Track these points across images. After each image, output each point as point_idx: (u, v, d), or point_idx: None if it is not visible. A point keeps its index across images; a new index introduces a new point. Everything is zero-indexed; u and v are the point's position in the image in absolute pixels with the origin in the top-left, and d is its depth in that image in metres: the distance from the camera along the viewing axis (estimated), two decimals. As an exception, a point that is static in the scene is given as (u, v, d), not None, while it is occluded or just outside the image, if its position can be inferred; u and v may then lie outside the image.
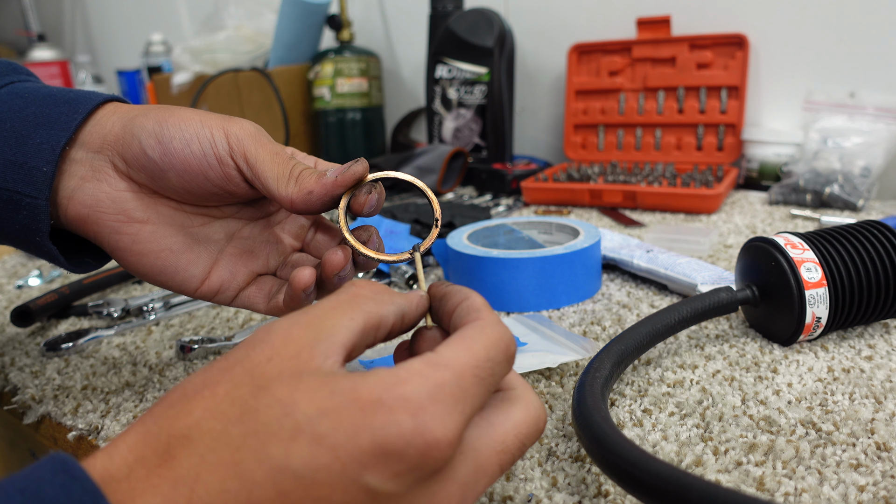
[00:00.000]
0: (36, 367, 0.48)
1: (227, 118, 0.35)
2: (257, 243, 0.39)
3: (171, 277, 0.37)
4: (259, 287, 0.38)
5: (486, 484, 0.24)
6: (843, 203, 0.80)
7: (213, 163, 0.34)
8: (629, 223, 0.78)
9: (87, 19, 2.00)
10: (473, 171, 1.01)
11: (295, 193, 0.33)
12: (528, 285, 0.53)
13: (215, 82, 1.21)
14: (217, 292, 0.38)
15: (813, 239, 0.43)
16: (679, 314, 0.41)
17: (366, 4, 1.32)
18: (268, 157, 0.34)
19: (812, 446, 0.33)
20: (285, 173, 0.34)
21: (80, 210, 0.35)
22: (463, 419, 0.22)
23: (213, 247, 0.38)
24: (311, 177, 0.33)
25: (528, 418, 0.26)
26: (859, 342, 0.44)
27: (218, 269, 0.38)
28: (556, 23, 1.11)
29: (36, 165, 0.34)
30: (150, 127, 0.34)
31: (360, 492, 0.20)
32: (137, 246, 0.36)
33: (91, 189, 0.35)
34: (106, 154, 0.35)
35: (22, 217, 0.34)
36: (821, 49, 0.91)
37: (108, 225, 0.35)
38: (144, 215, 0.36)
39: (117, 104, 0.36)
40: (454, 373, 0.22)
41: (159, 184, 0.35)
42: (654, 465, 0.25)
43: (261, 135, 0.35)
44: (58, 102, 0.35)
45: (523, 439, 0.25)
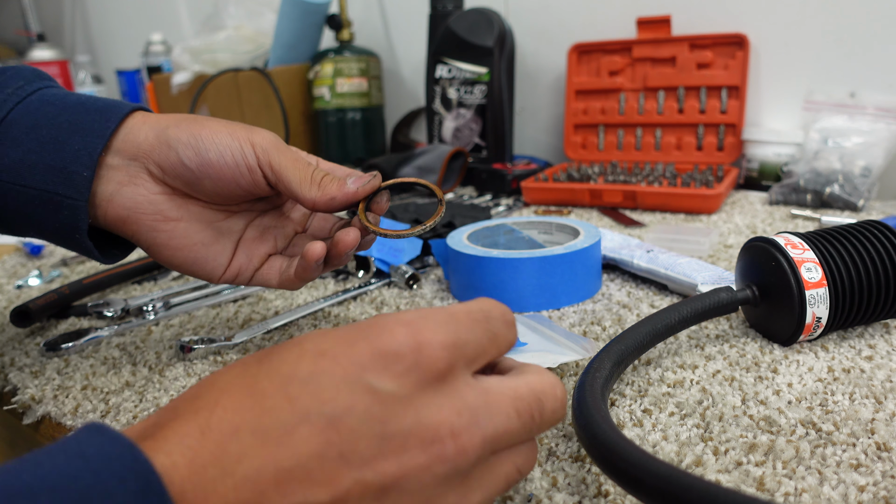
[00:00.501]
0: (36, 367, 0.48)
1: (250, 129, 0.40)
2: (268, 229, 0.45)
3: (202, 267, 0.42)
4: (270, 265, 0.44)
5: (503, 422, 0.24)
6: (843, 203, 0.80)
7: (244, 172, 0.40)
8: (629, 223, 0.78)
9: (86, 19, 2.00)
10: (473, 171, 1.01)
11: (318, 197, 0.40)
12: (528, 285, 0.53)
13: (215, 82, 1.21)
14: (237, 275, 0.44)
15: (813, 239, 0.43)
16: (679, 314, 0.41)
17: (366, 4, 1.32)
18: (289, 163, 0.40)
19: (812, 446, 0.33)
20: (307, 178, 0.40)
21: (119, 212, 0.40)
22: (454, 335, 0.24)
23: (234, 236, 0.44)
24: (332, 184, 0.40)
25: (542, 380, 0.27)
26: (859, 342, 0.44)
27: (238, 255, 0.44)
28: (556, 23, 1.11)
29: (76, 170, 0.38)
30: (185, 139, 0.39)
31: (366, 392, 0.22)
32: (173, 241, 0.41)
33: (129, 193, 0.39)
34: (141, 161, 0.39)
35: (63, 217, 0.38)
36: (821, 49, 0.91)
37: (146, 224, 0.40)
38: (178, 214, 0.41)
39: (144, 113, 0.41)
40: (444, 309, 0.25)
41: (194, 188, 0.40)
42: (654, 465, 0.25)
43: (280, 143, 0.41)
44: (89, 111, 0.39)
45: (539, 394, 0.26)
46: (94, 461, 0.19)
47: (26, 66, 0.42)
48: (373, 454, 0.21)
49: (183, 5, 1.68)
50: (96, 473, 0.18)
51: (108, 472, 0.18)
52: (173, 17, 1.70)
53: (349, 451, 0.21)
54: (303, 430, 0.21)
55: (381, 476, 0.21)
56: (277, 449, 0.21)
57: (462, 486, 0.24)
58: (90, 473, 0.18)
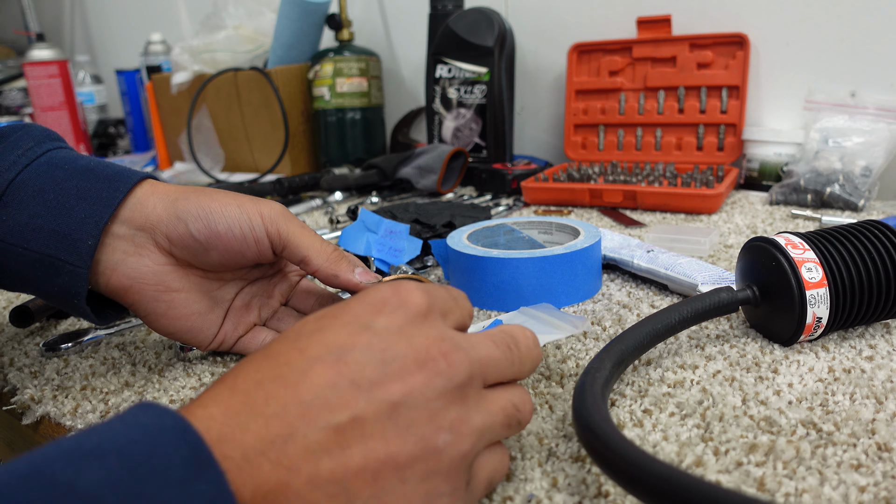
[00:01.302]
0: (35, 367, 0.48)
1: (259, 201, 0.42)
2: (254, 299, 0.47)
3: (196, 335, 0.43)
4: (254, 336, 0.46)
5: (483, 348, 0.29)
6: (843, 203, 0.80)
7: (251, 243, 0.41)
8: (629, 223, 0.78)
9: (86, 19, 2.00)
10: (473, 170, 1.01)
11: (323, 267, 0.42)
12: (528, 285, 0.53)
13: (215, 82, 1.21)
14: (222, 343, 0.45)
15: (814, 239, 0.43)
16: (679, 314, 0.41)
17: (366, 4, 1.32)
18: (298, 229, 0.42)
19: (813, 447, 0.33)
20: (316, 244, 0.42)
21: (123, 281, 0.40)
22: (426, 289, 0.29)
23: (225, 305, 0.45)
24: (341, 263, 0.42)
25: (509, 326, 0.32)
26: (860, 342, 0.44)
27: (226, 323, 0.45)
28: (556, 23, 1.11)
29: (80, 238, 0.38)
30: (194, 212, 0.40)
31: (364, 330, 0.26)
32: (172, 311, 0.42)
33: (134, 263, 0.40)
34: (149, 232, 0.40)
35: (62, 281, 0.39)
36: (821, 49, 0.91)
37: (148, 294, 0.41)
38: (180, 285, 0.42)
39: (153, 182, 0.42)
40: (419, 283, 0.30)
41: (199, 260, 0.42)
42: (654, 465, 0.25)
43: (288, 213, 0.43)
44: (98, 178, 0.40)
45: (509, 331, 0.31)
46: (151, 430, 0.21)
47: (35, 126, 0.43)
48: (379, 378, 0.25)
49: (182, 5, 1.68)
50: (154, 440, 0.21)
51: (164, 440, 0.21)
52: (173, 16, 1.70)
53: (358, 377, 0.25)
54: (316, 368, 0.25)
55: (389, 394, 0.25)
56: (297, 387, 0.24)
57: (462, 402, 0.27)
58: (149, 440, 0.21)
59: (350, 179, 1.01)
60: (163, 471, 0.20)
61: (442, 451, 0.25)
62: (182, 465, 0.21)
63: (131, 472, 0.20)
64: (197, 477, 0.21)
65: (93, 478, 0.19)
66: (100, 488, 0.19)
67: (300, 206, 0.93)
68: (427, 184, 0.96)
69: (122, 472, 0.20)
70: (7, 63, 1.89)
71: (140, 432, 0.21)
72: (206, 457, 0.21)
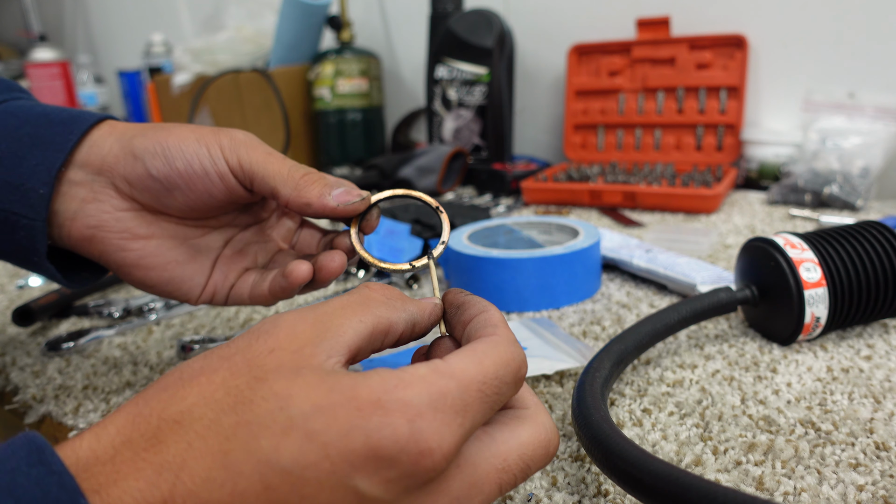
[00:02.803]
0: (37, 366, 0.49)
1: (219, 131, 0.36)
2: (249, 245, 0.41)
3: (178, 287, 0.38)
4: (244, 281, 0.40)
5: (482, 502, 0.23)
6: (842, 203, 0.80)
7: (215, 180, 0.35)
8: (629, 223, 0.78)
9: (88, 20, 2.00)
10: (473, 171, 1.01)
11: (293, 197, 0.35)
12: (528, 285, 0.53)
13: (216, 83, 1.21)
14: (213, 296, 0.40)
15: (812, 239, 0.43)
16: (679, 314, 0.41)
17: (366, 5, 1.32)
18: (261, 158, 0.35)
19: (811, 446, 0.33)
20: (282, 172, 0.35)
21: (83, 231, 0.36)
22: (462, 433, 0.21)
23: (212, 254, 0.40)
24: (312, 187, 0.35)
25: (536, 439, 0.24)
26: (858, 342, 0.44)
27: (214, 273, 0.40)
28: (556, 23, 1.11)
29: (33, 187, 0.34)
30: (151, 148, 0.35)
31: (348, 494, 0.20)
32: (145, 260, 0.37)
33: (93, 210, 0.36)
34: (107, 176, 0.36)
35: (19, 237, 0.35)
36: (820, 49, 0.91)
37: (113, 243, 0.36)
38: (148, 231, 0.37)
39: (112, 122, 0.37)
40: (459, 384, 0.22)
41: (164, 203, 0.36)
42: (653, 464, 0.25)
43: (252, 140, 0.36)
44: (52, 122, 0.36)
45: (528, 461, 0.24)
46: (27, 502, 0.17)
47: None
48: None
49: (184, 6, 1.68)
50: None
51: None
52: (174, 17, 1.71)
53: None
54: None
55: None
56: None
57: None
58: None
59: (350, 180, 1.01)
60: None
61: None
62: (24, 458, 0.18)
63: None
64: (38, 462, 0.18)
65: None
66: None
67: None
68: (427, 184, 0.96)
69: None
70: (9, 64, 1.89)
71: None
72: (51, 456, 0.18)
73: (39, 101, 0.39)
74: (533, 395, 0.27)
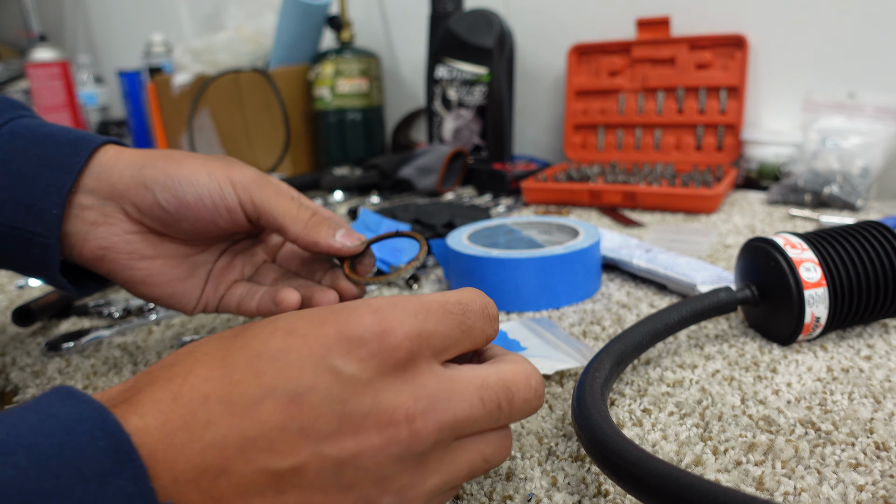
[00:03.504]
0: (37, 366, 0.49)
1: (230, 166, 0.39)
2: (237, 256, 0.45)
3: (178, 301, 0.42)
4: (232, 292, 0.44)
5: (465, 409, 0.25)
6: (842, 203, 0.80)
7: (223, 213, 0.39)
8: (629, 223, 0.78)
9: (88, 20, 2.00)
10: (473, 171, 1.01)
11: (301, 235, 0.39)
12: (528, 285, 0.53)
13: (216, 83, 1.21)
14: (206, 306, 0.44)
15: (812, 239, 0.43)
16: (679, 314, 0.41)
17: (366, 5, 1.32)
18: (272, 197, 0.39)
19: (811, 446, 0.33)
20: (292, 211, 0.39)
21: (94, 252, 0.39)
22: (420, 326, 0.24)
23: (206, 268, 0.44)
24: (319, 228, 0.40)
25: (514, 370, 0.27)
26: (858, 342, 0.44)
27: (207, 286, 0.44)
28: (556, 23, 1.11)
29: (45, 208, 0.37)
30: (162, 180, 0.38)
31: (328, 373, 0.23)
32: (150, 278, 0.41)
33: (104, 232, 0.39)
34: (117, 201, 0.38)
35: (34, 254, 0.38)
36: (820, 49, 0.91)
37: (122, 263, 0.40)
38: (155, 252, 0.40)
39: (118, 148, 0.40)
40: (420, 299, 0.26)
41: (171, 229, 0.40)
42: (653, 464, 0.25)
43: (262, 178, 0.40)
44: (58, 143, 0.38)
45: (508, 384, 0.26)
46: (65, 421, 0.20)
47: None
48: (331, 431, 0.23)
49: (184, 6, 1.69)
50: (68, 432, 0.20)
51: (79, 431, 0.20)
52: (174, 17, 1.71)
53: (309, 426, 0.23)
54: (268, 403, 0.22)
55: (339, 451, 0.23)
56: (243, 419, 0.22)
57: (418, 467, 0.24)
58: (62, 432, 0.19)
59: (350, 180, 1.01)
60: (77, 465, 0.19)
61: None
62: (100, 459, 0.19)
63: (41, 468, 0.18)
64: (116, 471, 0.19)
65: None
66: (4, 487, 0.18)
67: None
68: (427, 184, 0.96)
69: (31, 468, 0.18)
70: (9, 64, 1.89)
71: (52, 424, 0.20)
72: (128, 449, 0.20)
73: (41, 118, 0.41)
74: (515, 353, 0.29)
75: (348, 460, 0.23)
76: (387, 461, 0.23)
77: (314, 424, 0.23)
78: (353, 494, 0.23)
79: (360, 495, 0.23)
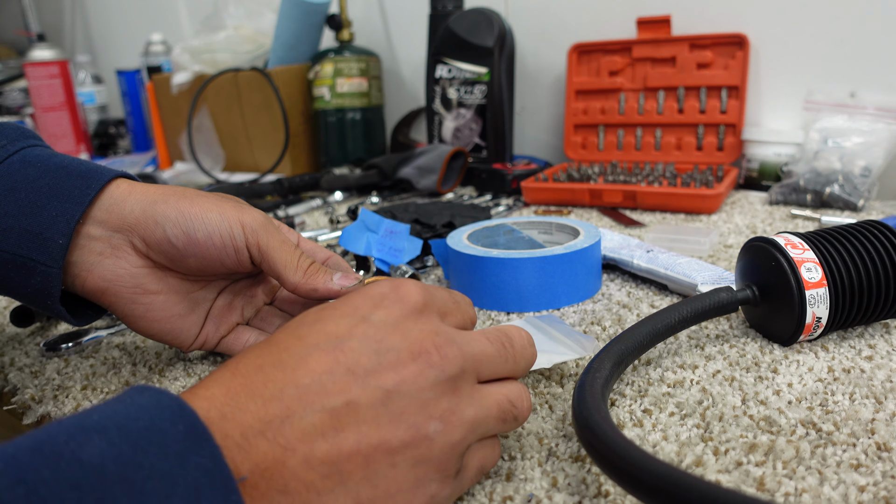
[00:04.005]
0: (35, 367, 0.48)
1: (241, 208, 0.41)
2: (237, 298, 0.46)
3: (176, 337, 0.43)
4: (237, 336, 0.45)
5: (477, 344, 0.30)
6: (843, 203, 0.80)
7: (230, 252, 0.40)
8: (629, 223, 0.78)
9: (86, 19, 2.00)
10: (473, 171, 1.01)
11: (300, 284, 0.40)
12: (528, 285, 0.53)
13: (215, 82, 1.21)
14: (204, 344, 0.44)
15: (813, 239, 0.43)
16: (679, 314, 0.41)
17: (366, 4, 1.32)
18: (277, 245, 0.40)
19: (812, 446, 0.33)
20: (293, 262, 0.40)
21: (98, 283, 0.39)
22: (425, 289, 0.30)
23: (206, 305, 0.44)
24: (318, 276, 0.41)
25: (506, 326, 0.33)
26: (859, 342, 0.44)
27: (207, 324, 0.44)
28: (556, 23, 1.11)
29: (51, 237, 0.37)
30: (173, 217, 0.39)
31: (362, 321, 0.28)
32: (151, 314, 0.41)
33: (110, 265, 0.39)
34: (125, 234, 0.39)
35: (35, 282, 0.38)
36: (821, 49, 0.91)
37: (125, 297, 0.40)
38: (158, 287, 0.41)
39: (130, 182, 0.40)
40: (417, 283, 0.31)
41: (177, 264, 0.40)
42: (654, 465, 0.25)
43: (270, 224, 0.41)
44: (70, 175, 0.39)
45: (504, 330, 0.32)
46: (149, 408, 0.23)
47: (10, 124, 0.42)
48: (373, 367, 0.26)
49: (183, 5, 1.68)
50: (153, 418, 0.22)
51: (162, 417, 0.22)
52: (173, 17, 1.70)
53: (354, 365, 0.26)
54: (315, 355, 0.26)
55: (383, 382, 0.26)
56: (295, 372, 0.26)
57: (454, 394, 0.27)
58: (147, 417, 0.22)
59: (350, 179, 1.01)
60: (161, 444, 0.21)
61: (432, 440, 0.26)
62: (180, 439, 0.22)
63: (132, 445, 0.21)
64: (194, 450, 0.22)
65: (95, 450, 0.20)
66: (102, 459, 0.20)
67: (300, 206, 0.93)
68: (427, 184, 0.96)
69: (123, 444, 0.21)
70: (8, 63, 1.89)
71: (138, 410, 0.22)
72: (202, 431, 0.22)
73: (52, 148, 0.42)
74: None
75: (393, 389, 0.26)
76: (426, 385, 0.27)
77: (358, 363, 0.26)
78: (404, 423, 0.26)
79: (409, 423, 0.26)
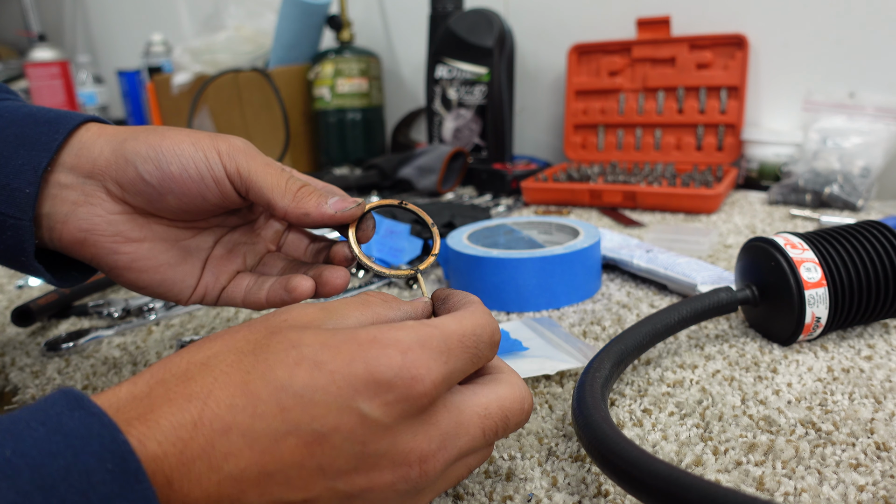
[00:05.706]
0: (36, 366, 0.49)
1: (216, 136, 0.36)
2: (238, 246, 0.42)
3: (170, 289, 0.39)
4: (237, 283, 0.41)
5: (468, 442, 0.27)
6: (842, 203, 0.80)
7: (210, 184, 0.36)
8: (629, 223, 0.78)
9: (87, 19, 2.00)
10: (473, 171, 1.01)
11: (290, 208, 0.36)
12: (528, 285, 0.53)
13: (215, 83, 1.21)
14: (204, 296, 0.40)
15: (812, 239, 0.43)
16: (679, 314, 0.41)
17: (366, 4, 1.32)
18: (260, 168, 0.36)
19: (812, 446, 0.33)
20: (280, 184, 0.36)
21: (75, 234, 0.36)
22: (446, 370, 0.25)
23: (202, 255, 0.40)
24: (309, 198, 0.36)
25: (512, 395, 0.29)
26: (859, 342, 0.44)
27: (205, 274, 0.40)
28: (556, 23, 1.11)
29: (18, 187, 0.34)
30: (144, 152, 0.35)
31: (353, 416, 0.23)
32: (137, 263, 0.37)
33: (85, 213, 0.36)
34: (98, 179, 0.36)
35: (6, 237, 0.35)
36: (820, 49, 0.91)
37: (105, 246, 0.37)
38: (140, 234, 0.37)
39: (100, 125, 0.37)
40: (442, 332, 0.26)
41: (156, 206, 0.37)
42: (654, 464, 0.25)
43: (251, 149, 0.37)
44: (37, 122, 0.36)
45: (507, 412, 0.28)
46: (73, 438, 0.19)
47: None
48: (348, 469, 0.24)
49: (183, 6, 1.68)
50: (76, 453, 0.19)
51: (87, 452, 0.19)
52: (174, 17, 1.70)
53: (328, 464, 0.23)
54: (290, 440, 0.23)
55: (351, 487, 0.24)
56: (263, 455, 0.22)
57: (416, 497, 0.26)
58: (70, 452, 0.19)
59: (350, 179, 1.01)
60: (83, 491, 0.19)
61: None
62: (107, 481, 0.19)
63: (46, 493, 0.18)
64: (124, 495, 0.19)
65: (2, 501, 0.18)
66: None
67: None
68: (427, 184, 0.96)
69: (35, 492, 0.18)
70: (8, 64, 1.89)
71: (61, 441, 0.19)
72: (136, 470, 0.20)
73: (27, 103, 0.39)
74: (507, 365, 0.31)
75: (358, 494, 0.24)
76: (393, 496, 0.25)
77: (333, 463, 0.23)
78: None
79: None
